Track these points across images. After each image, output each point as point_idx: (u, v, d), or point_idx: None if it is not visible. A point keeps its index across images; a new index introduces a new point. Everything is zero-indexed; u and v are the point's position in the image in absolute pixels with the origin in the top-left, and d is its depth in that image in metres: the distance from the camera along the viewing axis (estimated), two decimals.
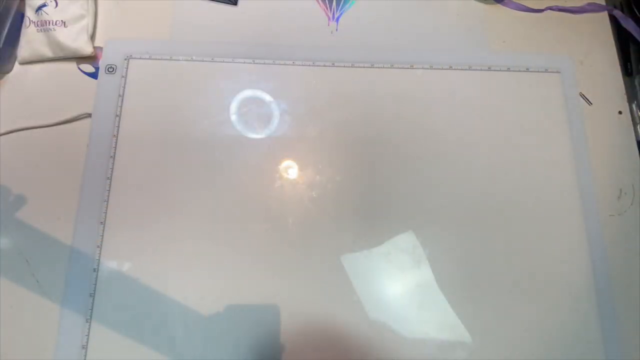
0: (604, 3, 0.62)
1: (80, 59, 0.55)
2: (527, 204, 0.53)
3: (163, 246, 0.49)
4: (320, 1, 0.60)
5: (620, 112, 0.58)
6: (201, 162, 0.52)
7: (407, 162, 0.54)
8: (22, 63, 0.55)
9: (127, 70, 0.55)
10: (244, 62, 0.56)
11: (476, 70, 0.58)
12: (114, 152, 0.52)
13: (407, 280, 0.50)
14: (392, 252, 0.50)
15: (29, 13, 0.55)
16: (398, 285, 0.50)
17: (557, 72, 0.58)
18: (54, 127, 0.53)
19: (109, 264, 0.48)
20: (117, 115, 0.53)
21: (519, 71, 0.58)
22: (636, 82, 0.59)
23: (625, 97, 0.59)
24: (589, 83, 0.58)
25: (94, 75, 0.55)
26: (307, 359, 0.47)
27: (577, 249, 0.52)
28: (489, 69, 0.58)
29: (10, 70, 0.55)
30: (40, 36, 0.54)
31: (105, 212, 0.50)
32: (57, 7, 0.55)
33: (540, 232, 0.52)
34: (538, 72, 0.58)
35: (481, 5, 0.62)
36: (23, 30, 0.55)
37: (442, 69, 0.58)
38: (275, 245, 0.50)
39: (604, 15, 0.62)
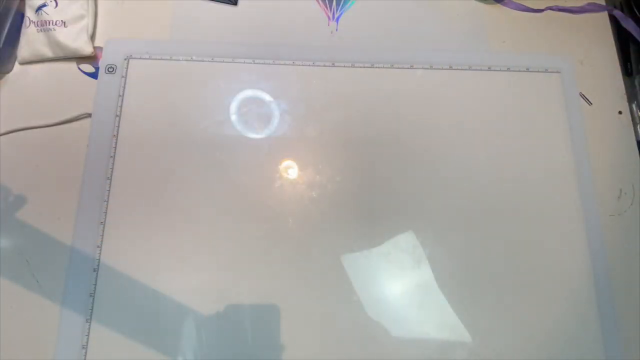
0: (604, 3, 0.61)
1: (80, 59, 0.55)
2: (527, 204, 0.53)
3: (163, 246, 0.49)
4: (320, 1, 0.60)
5: (620, 112, 0.58)
6: (201, 162, 0.52)
7: (407, 162, 0.54)
8: (22, 63, 0.55)
9: (127, 70, 0.55)
10: (244, 62, 0.56)
11: (476, 70, 0.58)
12: (114, 152, 0.52)
13: (407, 280, 0.50)
14: (392, 252, 0.50)
15: (29, 13, 0.55)
16: (398, 285, 0.50)
17: (557, 72, 0.58)
18: (54, 127, 0.53)
19: (109, 264, 0.48)
20: (117, 115, 0.53)
21: (519, 71, 0.58)
22: (636, 82, 0.59)
23: (625, 97, 0.59)
24: (589, 83, 0.58)
25: (94, 75, 0.55)
26: (307, 359, 0.47)
27: (577, 249, 0.52)
28: (489, 69, 0.58)
29: (10, 70, 0.55)
30: (40, 36, 0.54)
31: (105, 212, 0.50)
32: (57, 7, 0.55)
33: (540, 232, 0.52)
34: (538, 72, 0.58)
35: (481, 5, 0.62)
36: (23, 30, 0.55)
37: (442, 69, 0.58)
38: (275, 245, 0.50)
39: (604, 15, 0.62)
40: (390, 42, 0.59)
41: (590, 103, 0.58)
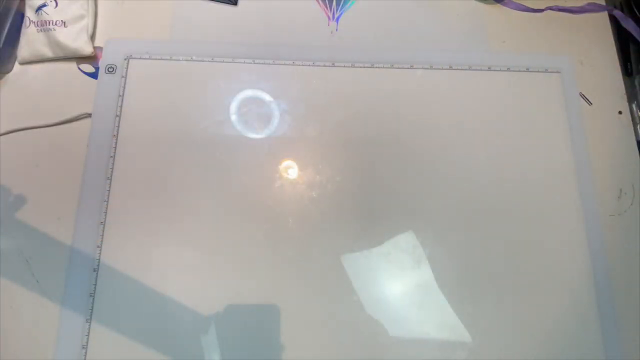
0: (604, 3, 0.62)
1: (80, 59, 0.55)
2: (527, 204, 0.53)
3: (163, 246, 0.49)
4: (320, 1, 0.60)
5: (620, 112, 0.58)
6: (201, 162, 0.52)
7: (407, 162, 0.54)
8: (22, 63, 0.55)
9: (127, 70, 0.55)
10: (244, 62, 0.56)
11: (476, 70, 0.58)
12: (114, 152, 0.52)
13: (407, 280, 0.50)
14: (392, 252, 0.50)
15: (29, 13, 0.55)
16: (398, 285, 0.50)
17: (557, 72, 0.58)
18: (54, 127, 0.53)
19: (109, 264, 0.48)
20: (117, 115, 0.53)
21: (519, 71, 0.58)
22: (636, 82, 0.59)
23: (625, 97, 0.59)
24: (589, 83, 0.58)
25: (94, 75, 0.55)
26: (307, 359, 0.47)
27: (577, 249, 0.52)
28: (489, 69, 0.58)
29: (10, 70, 0.55)
30: (40, 36, 0.54)
31: (105, 212, 0.50)
32: (57, 7, 0.55)
33: (540, 232, 0.52)
34: (538, 72, 0.58)
35: (481, 5, 0.62)
36: (23, 30, 0.55)
37: (442, 69, 0.58)
38: (276, 245, 0.50)
39: (604, 15, 0.62)
40: (390, 42, 0.59)
41: (590, 103, 0.58)
